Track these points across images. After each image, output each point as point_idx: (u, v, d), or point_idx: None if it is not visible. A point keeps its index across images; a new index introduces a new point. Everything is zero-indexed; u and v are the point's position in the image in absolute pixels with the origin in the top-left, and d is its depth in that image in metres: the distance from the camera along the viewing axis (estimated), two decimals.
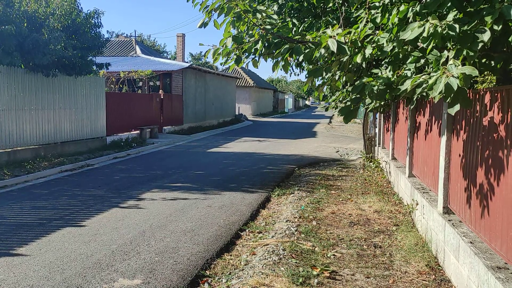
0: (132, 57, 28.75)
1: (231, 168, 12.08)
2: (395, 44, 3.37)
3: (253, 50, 4.27)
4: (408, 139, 7.74)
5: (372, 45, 3.83)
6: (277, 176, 10.84)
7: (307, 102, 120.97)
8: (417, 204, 6.15)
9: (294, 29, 4.55)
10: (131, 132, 18.43)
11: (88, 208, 7.50)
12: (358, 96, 4.03)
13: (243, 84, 44.63)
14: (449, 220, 4.77)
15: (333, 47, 3.40)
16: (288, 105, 67.16)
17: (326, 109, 8.56)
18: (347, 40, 3.87)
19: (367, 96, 3.80)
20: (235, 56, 4.10)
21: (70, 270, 4.74)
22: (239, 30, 4.21)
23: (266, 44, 4.06)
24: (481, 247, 3.92)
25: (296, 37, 4.15)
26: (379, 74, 3.81)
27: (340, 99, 6.44)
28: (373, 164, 12.38)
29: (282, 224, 6.48)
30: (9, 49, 10.65)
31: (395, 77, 3.72)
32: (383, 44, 3.75)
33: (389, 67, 3.67)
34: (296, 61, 7.33)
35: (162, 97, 21.90)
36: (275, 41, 4.03)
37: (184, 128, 24.07)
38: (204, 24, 4.24)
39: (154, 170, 11.80)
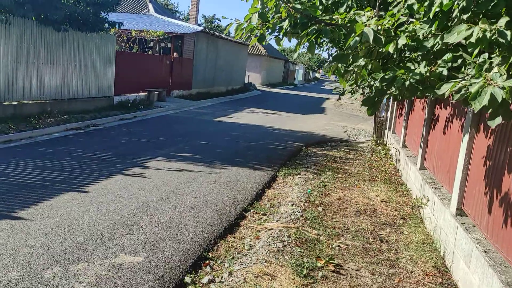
0: (145, 15, 28.15)
1: (238, 141, 11.92)
2: (438, 41, 3.12)
3: (277, 28, 4.02)
4: (424, 130, 7.51)
5: (406, 35, 3.58)
6: (284, 154, 10.68)
7: (317, 75, 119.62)
8: (427, 200, 6.00)
9: (321, 6, 4.26)
10: (139, 94, 18.20)
11: (92, 172, 7.40)
12: (384, 88, 3.80)
13: (254, 52, 43.92)
14: (462, 223, 4.62)
15: (370, 37, 3.16)
16: (298, 77, 66.38)
17: (342, 94, 8.27)
18: (379, 28, 3.62)
19: (395, 89, 3.58)
20: (259, 33, 3.85)
21: (71, 240, 4.65)
22: (265, 6, 3.95)
23: (293, 24, 3.80)
24: (496, 258, 3.78)
25: (325, 17, 3.88)
26: (412, 67, 3.57)
27: (360, 85, 6.18)
28: (382, 149, 12.19)
29: (287, 208, 6.37)
30: (21, 0, 10.32)
31: (427, 73, 3.48)
32: (419, 35, 3.50)
33: (424, 62, 3.42)
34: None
35: (172, 60, 21.54)
36: (303, 21, 3.77)
37: (192, 93, 23.80)
38: None
39: (160, 136, 11.65)
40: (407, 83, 3.45)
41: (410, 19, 3.81)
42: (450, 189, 5.60)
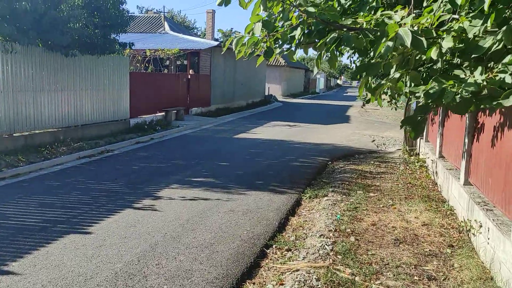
0: (160, 34, 27.95)
1: (258, 159, 11.19)
2: (498, 38, 2.33)
3: (288, 39, 3.29)
4: (466, 140, 6.61)
5: (452, 35, 2.79)
6: (308, 172, 9.87)
7: (338, 82, 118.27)
8: (480, 226, 5.10)
9: (339, 8, 3.50)
10: (156, 114, 17.74)
11: (98, 208, 6.77)
12: (429, 104, 3.01)
13: (273, 64, 43.31)
14: None
15: (407, 40, 2.40)
16: (319, 85, 65.42)
17: (367, 102, 7.48)
18: (415, 28, 2.84)
19: (444, 104, 2.79)
20: (265, 46, 3.13)
21: None
22: (271, 12, 3.23)
23: (306, 32, 3.06)
24: None
25: (346, 22, 3.13)
26: (461, 75, 2.77)
27: (388, 93, 5.38)
28: (415, 159, 11.24)
29: (314, 240, 5.56)
30: (24, 28, 9.94)
31: (485, 81, 2.67)
32: (468, 35, 2.71)
33: (479, 68, 2.63)
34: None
35: (189, 77, 21.07)
36: (319, 27, 3.03)
37: (211, 110, 23.26)
38: (224, 2, 3.26)
39: (176, 158, 11.02)
40: (458, 96, 2.65)
41: (453, 16, 3.01)
42: (508, 213, 4.70)
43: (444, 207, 7.09)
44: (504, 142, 4.94)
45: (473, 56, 2.72)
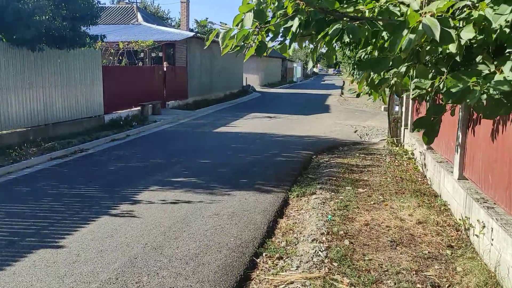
0: (133, 25, 27.05)
1: (241, 155, 10.76)
2: None
3: (282, 31, 2.86)
4: (459, 132, 6.33)
5: (471, 25, 2.41)
6: (293, 167, 9.51)
7: (315, 70, 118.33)
8: (483, 226, 4.81)
9: None
10: (132, 109, 17.09)
11: (72, 216, 6.26)
12: (452, 101, 2.64)
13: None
14: None
15: (435, 33, 2.01)
16: (296, 74, 65.17)
17: (358, 96, 7.16)
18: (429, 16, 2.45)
19: (471, 105, 2.43)
20: (256, 41, 2.70)
21: None
22: (262, 0, 2.79)
23: (304, 23, 2.64)
24: None
25: (347, 10, 2.72)
26: (485, 70, 2.40)
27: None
28: (400, 150, 11.02)
29: (307, 246, 5.20)
30: None
31: None
32: (492, 26, 2.33)
33: (509, 63, 2.26)
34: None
35: (165, 69, 20.40)
36: (318, 17, 2.62)
37: (189, 103, 22.66)
38: None
39: (154, 157, 10.51)
40: (484, 96, 2.29)
41: (469, 2, 2.64)
42: None
43: (437, 202, 6.83)
44: (510, 136, 4.65)
45: (509, 49, 2.35)
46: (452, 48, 2.39)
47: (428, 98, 4.06)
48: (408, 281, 4.37)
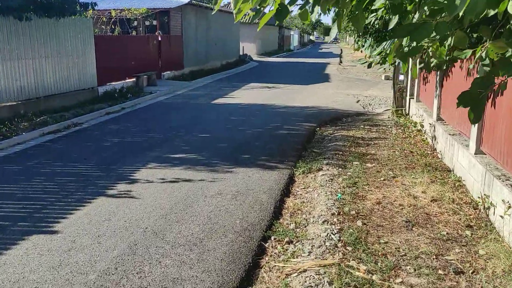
0: None
1: (241, 128, 10.36)
2: None
3: None
4: None
5: None
6: (296, 141, 9.13)
7: (311, 38, 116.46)
8: (509, 207, 4.48)
9: None
10: (127, 81, 16.52)
11: (66, 197, 5.90)
12: (491, 76, 2.25)
13: (247, 21, 41.60)
14: None
15: None
16: (293, 42, 64.00)
17: (369, 66, 6.74)
18: None
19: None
20: (275, 4, 2.26)
21: None
22: None
23: None
24: None
25: None
26: None
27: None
28: (405, 121, 10.65)
29: (318, 228, 4.88)
30: None
31: None
32: None
33: None
34: None
35: (160, 39, 19.69)
36: None
37: (185, 73, 22.03)
38: None
39: (151, 131, 10.11)
40: None
41: None
42: None
43: (450, 177, 6.51)
44: None
45: None
46: (510, 8, 1.98)
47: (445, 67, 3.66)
48: (429, 267, 4.08)
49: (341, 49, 59.76)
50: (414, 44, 2.50)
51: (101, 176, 6.79)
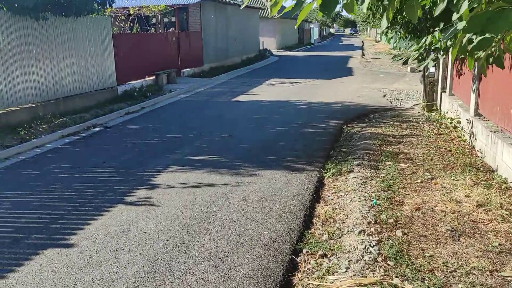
0: None
1: (265, 127, 9.96)
2: None
3: None
4: None
5: None
6: (323, 140, 8.67)
7: (331, 30, 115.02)
8: None
9: None
10: (146, 79, 16.28)
11: (84, 205, 5.61)
12: None
13: (266, 16, 41.10)
14: None
15: None
16: (313, 35, 63.11)
17: (405, 63, 6.25)
18: None
19: None
20: None
21: None
22: None
23: None
24: None
25: None
26: None
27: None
28: (437, 116, 10.08)
29: (353, 239, 4.45)
30: None
31: None
32: None
33: None
34: None
35: (178, 35, 19.40)
36: None
37: (204, 70, 21.73)
38: None
39: (171, 132, 9.79)
40: None
41: None
42: None
43: (494, 179, 5.97)
44: None
45: None
46: None
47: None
48: (483, 285, 3.61)
49: (363, 41, 58.70)
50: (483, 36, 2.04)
51: (120, 181, 6.49)
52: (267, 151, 7.94)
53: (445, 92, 10.45)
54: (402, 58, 6.95)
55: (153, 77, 16.58)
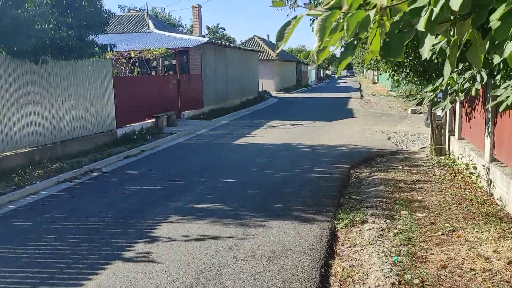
0: (145, 33, 26.13)
1: (268, 172, 9.58)
2: None
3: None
4: None
5: None
6: (331, 186, 8.28)
7: (327, 72, 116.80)
8: None
9: None
10: (146, 121, 16.05)
11: (77, 261, 5.14)
12: None
13: (265, 58, 41.66)
14: None
15: None
16: (311, 77, 63.89)
17: (419, 103, 6.00)
18: None
19: None
20: (379, 32, 1.50)
21: None
22: None
23: None
24: None
25: None
26: None
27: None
28: (447, 160, 9.75)
29: None
30: None
31: None
32: None
33: None
34: None
35: (179, 78, 19.36)
36: None
37: (205, 112, 21.58)
38: None
39: (172, 176, 9.40)
40: None
41: None
42: None
43: None
44: None
45: None
46: None
47: None
48: None
49: (360, 83, 59.39)
50: None
51: (118, 233, 6.04)
52: (273, 198, 7.53)
53: (454, 135, 10.18)
54: (416, 99, 6.72)
55: (153, 120, 16.35)
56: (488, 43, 1.76)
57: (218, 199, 7.56)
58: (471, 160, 8.39)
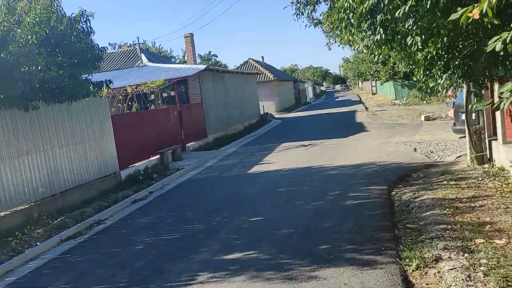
0: (139, 67, 25.34)
1: (297, 203, 8.46)
2: None
3: None
4: None
5: None
6: (377, 214, 7.14)
7: (322, 88, 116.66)
8: None
9: None
10: (150, 159, 14.98)
11: None
12: None
13: (262, 80, 40.94)
14: None
15: None
16: (309, 94, 63.23)
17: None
18: None
19: None
20: None
21: None
22: None
23: None
24: None
25: None
26: None
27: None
28: (492, 168, 8.69)
29: None
30: None
31: None
32: None
33: None
34: None
35: (179, 109, 18.39)
36: None
37: (209, 141, 20.53)
38: None
39: (189, 220, 8.28)
40: None
41: None
42: None
43: None
44: None
45: None
46: None
47: None
48: None
49: (358, 95, 58.72)
50: None
51: None
52: (313, 238, 6.38)
53: (496, 140, 9.11)
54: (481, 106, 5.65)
55: (158, 156, 15.28)
56: None
57: (249, 245, 6.42)
58: None
